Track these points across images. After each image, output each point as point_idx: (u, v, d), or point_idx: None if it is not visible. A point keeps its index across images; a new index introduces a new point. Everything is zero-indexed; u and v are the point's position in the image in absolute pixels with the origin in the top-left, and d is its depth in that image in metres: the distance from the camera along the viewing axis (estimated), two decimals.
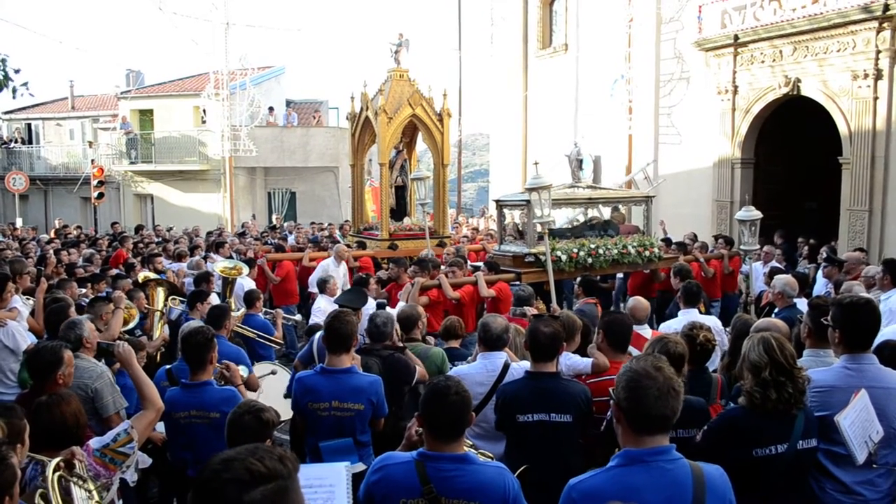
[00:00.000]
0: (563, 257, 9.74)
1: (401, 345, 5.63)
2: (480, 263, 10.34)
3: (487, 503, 2.90)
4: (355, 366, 4.60)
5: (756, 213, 8.86)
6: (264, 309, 9.15)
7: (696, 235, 13.01)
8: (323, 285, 9.03)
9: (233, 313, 7.57)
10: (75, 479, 3.06)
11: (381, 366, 5.08)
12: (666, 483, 2.51)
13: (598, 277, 10.93)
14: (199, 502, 1.55)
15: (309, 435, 4.53)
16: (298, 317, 9.83)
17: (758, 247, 9.58)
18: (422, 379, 5.34)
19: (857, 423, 3.40)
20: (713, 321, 6.40)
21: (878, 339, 4.08)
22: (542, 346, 4.13)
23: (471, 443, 3.95)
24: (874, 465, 3.49)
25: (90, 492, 3.09)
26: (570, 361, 4.67)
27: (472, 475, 2.94)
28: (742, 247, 9.34)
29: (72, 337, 4.88)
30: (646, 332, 5.96)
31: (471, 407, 3.11)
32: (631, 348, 4.86)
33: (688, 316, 6.39)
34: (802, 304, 6.52)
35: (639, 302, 6.26)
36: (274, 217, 22.17)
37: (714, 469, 2.63)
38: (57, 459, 3.05)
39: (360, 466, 4.19)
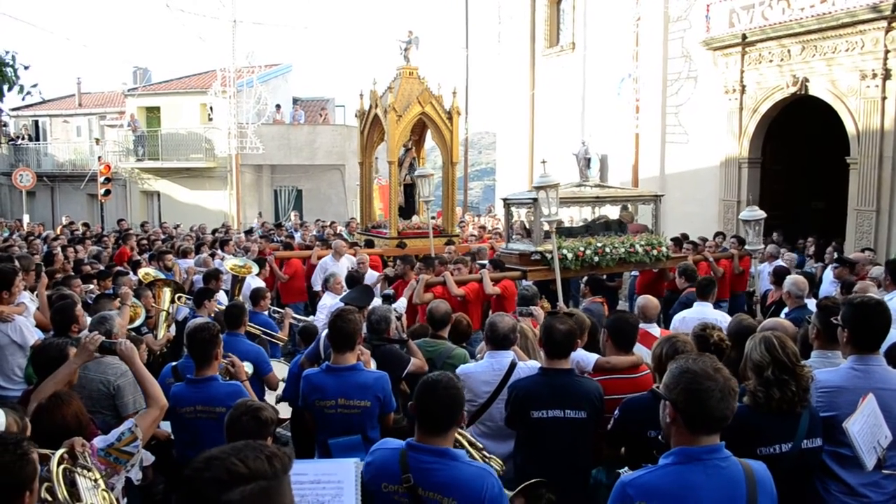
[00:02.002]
0: (570, 256, 9.73)
1: (403, 337, 5.64)
2: (486, 261, 10.33)
3: (461, 500, 2.91)
4: (361, 363, 4.61)
5: (760, 213, 8.80)
6: (272, 308, 9.15)
7: (687, 236, 12.85)
8: (326, 283, 9.04)
9: (217, 305, 7.62)
10: (79, 470, 3.06)
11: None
12: (722, 482, 2.53)
13: (605, 276, 10.95)
14: (181, 498, 1.56)
15: (319, 432, 4.54)
16: (311, 318, 9.70)
17: (762, 246, 9.53)
18: (418, 371, 5.36)
19: (866, 428, 3.38)
20: (721, 315, 6.81)
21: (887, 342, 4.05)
22: (557, 343, 4.13)
23: (481, 445, 3.93)
24: (884, 471, 3.47)
25: (95, 481, 3.09)
26: (575, 357, 4.66)
27: (451, 471, 2.97)
28: (746, 247, 9.31)
29: (102, 331, 4.91)
30: (655, 330, 5.95)
31: (461, 403, 3.11)
32: (640, 346, 4.85)
33: (701, 308, 6.92)
34: (813, 304, 6.51)
35: (649, 300, 6.26)
36: (293, 215, 22.12)
37: (759, 465, 2.66)
38: (61, 451, 3.06)
39: None
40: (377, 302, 7.11)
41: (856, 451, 3.34)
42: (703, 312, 6.71)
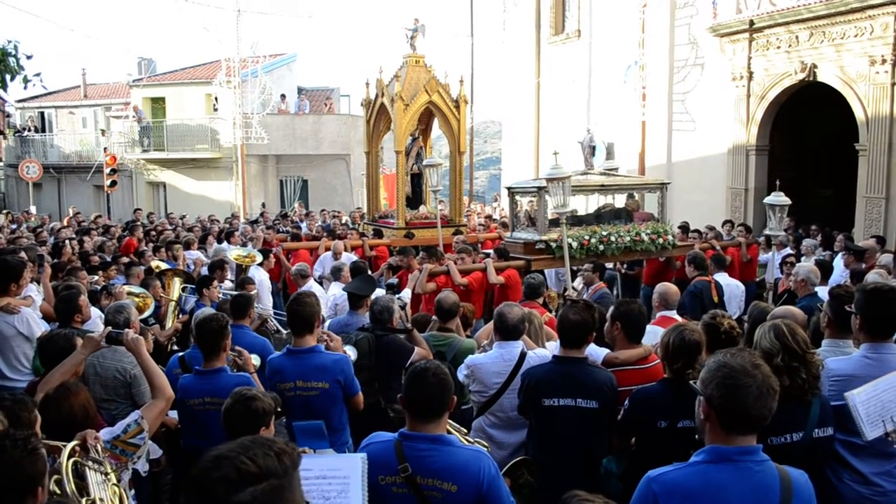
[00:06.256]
0: (575, 244, 9.70)
1: (407, 327, 5.62)
2: (491, 250, 10.31)
3: (461, 484, 2.93)
4: (320, 345, 4.64)
5: (785, 199, 8.53)
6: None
7: (688, 225, 12.73)
8: (336, 273, 9.06)
9: (220, 293, 7.62)
10: (90, 464, 3.03)
11: (374, 345, 5.20)
12: (753, 485, 2.42)
13: (625, 265, 10.95)
14: (189, 498, 1.52)
15: (286, 415, 4.57)
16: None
17: (783, 233, 9.40)
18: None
19: (874, 400, 3.33)
20: (735, 283, 8.59)
21: None
22: (568, 333, 4.12)
23: (465, 430, 3.92)
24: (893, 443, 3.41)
25: (106, 475, 3.06)
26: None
27: (447, 456, 2.99)
28: (767, 231, 9.19)
29: (120, 320, 4.90)
30: (675, 317, 5.90)
31: (450, 390, 3.12)
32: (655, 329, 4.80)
33: (721, 279, 8.36)
34: (823, 292, 6.46)
35: (669, 287, 6.22)
36: (297, 205, 22.10)
37: (799, 474, 2.53)
38: (72, 444, 3.03)
39: (330, 452, 4.16)
40: (380, 292, 7.09)
41: (855, 421, 3.30)
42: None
